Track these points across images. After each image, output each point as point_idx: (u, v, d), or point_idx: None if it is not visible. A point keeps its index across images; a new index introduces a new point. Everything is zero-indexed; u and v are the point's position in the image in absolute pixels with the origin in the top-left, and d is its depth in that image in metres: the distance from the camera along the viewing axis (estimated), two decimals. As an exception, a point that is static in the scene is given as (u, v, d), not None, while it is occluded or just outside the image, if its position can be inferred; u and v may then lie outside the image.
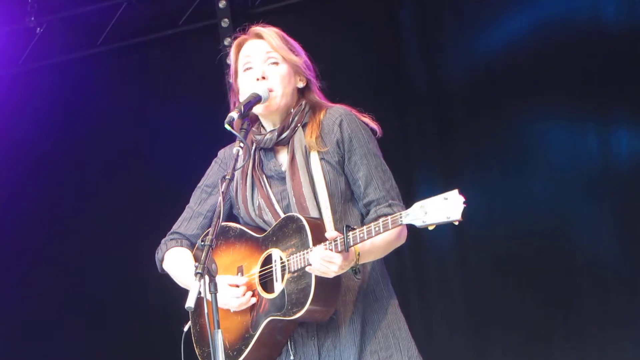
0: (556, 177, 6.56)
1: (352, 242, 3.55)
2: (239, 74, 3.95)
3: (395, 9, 7.08)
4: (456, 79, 6.86)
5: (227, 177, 3.61)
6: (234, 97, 3.98)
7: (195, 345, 3.94)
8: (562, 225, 6.56)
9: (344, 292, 3.77)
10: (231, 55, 3.98)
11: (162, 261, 4.04)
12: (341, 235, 3.56)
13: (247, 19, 4.22)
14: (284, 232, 3.75)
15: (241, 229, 3.91)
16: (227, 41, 6.79)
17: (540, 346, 6.53)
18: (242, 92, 3.90)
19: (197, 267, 3.36)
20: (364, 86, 6.97)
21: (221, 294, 3.63)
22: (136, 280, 7.13)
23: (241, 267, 3.86)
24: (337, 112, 3.89)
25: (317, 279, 3.62)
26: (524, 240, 6.60)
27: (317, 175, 3.80)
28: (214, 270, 3.38)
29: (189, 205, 4.08)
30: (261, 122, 3.96)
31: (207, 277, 3.35)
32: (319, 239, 3.62)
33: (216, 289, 3.37)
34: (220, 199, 3.55)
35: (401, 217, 3.47)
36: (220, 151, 4.11)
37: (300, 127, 3.88)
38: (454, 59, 6.90)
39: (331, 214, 3.76)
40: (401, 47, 7.08)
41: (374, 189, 3.81)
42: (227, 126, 3.68)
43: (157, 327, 7.44)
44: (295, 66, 3.90)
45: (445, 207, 3.37)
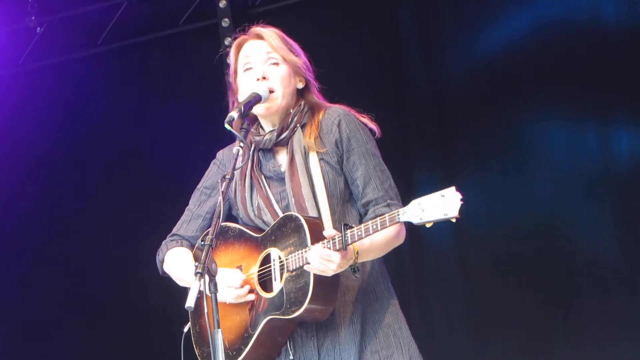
0: (556, 177, 6.55)
1: (350, 240, 3.55)
2: (238, 74, 3.95)
3: (395, 9, 7.08)
4: (456, 79, 6.86)
5: (227, 176, 3.61)
6: (233, 97, 3.99)
7: (194, 345, 3.94)
8: (562, 225, 6.55)
9: (343, 292, 3.77)
10: (231, 55, 3.98)
11: (162, 262, 4.04)
12: (339, 233, 3.55)
13: (247, 19, 4.23)
14: (283, 231, 3.75)
15: (240, 229, 3.91)
16: (228, 41, 6.79)
17: (540, 346, 6.52)
18: (242, 92, 3.90)
19: (197, 267, 3.36)
20: (364, 86, 6.96)
21: (218, 287, 3.62)
22: (136, 280, 7.13)
23: (240, 267, 3.86)
24: (335, 113, 3.89)
25: (316, 278, 3.62)
26: (524, 240, 6.59)
27: (316, 175, 3.80)
28: (214, 269, 3.38)
29: (188, 207, 4.08)
30: (260, 122, 3.96)
31: (207, 277, 3.36)
32: (318, 238, 3.62)
33: (216, 289, 3.38)
34: (220, 198, 3.55)
35: (399, 215, 3.47)
36: (218, 153, 4.11)
37: (299, 128, 3.88)
38: (454, 59, 6.90)
39: (330, 215, 3.76)
40: (401, 47, 7.08)
41: (372, 189, 3.81)
42: (227, 126, 3.68)
43: (157, 327, 7.43)
44: (295, 67, 3.91)
45: (442, 204, 3.37)
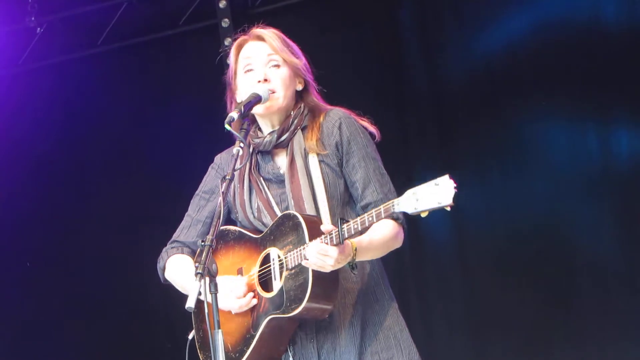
0: (556, 177, 6.55)
1: (346, 234, 3.54)
2: (238, 74, 3.94)
3: (395, 9, 7.08)
4: (456, 79, 6.85)
5: (227, 177, 3.61)
6: (232, 97, 3.98)
7: (199, 351, 3.93)
8: (562, 225, 6.55)
9: (343, 294, 3.77)
10: (231, 55, 3.98)
11: (164, 270, 4.03)
12: (336, 228, 3.54)
13: (247, 19, 4.23)
14: (281, 230, 3.75)
15: (240, 231, 3.91)
16: (228, 41, 6.79)
17: (540, 346, 6.52)
18: (242, 93, 3.90)
19: (197, 268, 3.35)
20: (364, 86, 6.96)
21: (221, 296, 3.61)
22: (136, 280, 7.11)
23: (241, 269, 3.86)
24: (336, 115, 3.89)
25: (315, 274, 3.61)
26: (524, 240, 6.59)
27: (316, 177, 3.80)
28: (214, 270, 3.38)
29: (187, 213, 4.08)
30: (259, 124, 3.95)
31: (207, 278, 3.35)
32: (316, 235, 3.61)
33: (216, 289, 3.37)
34: (220, 198, 3.54)
35: (393, 205, 3.45)
36: (216, 157, 4.10)
37: (299, 130, 3.88)
38: (454, 59, 6.90)
39: (330, 217, 3.75)
40: (401, 47, 7.08)
41: (372, 192, 3.81)
42: (227, 126, 3.68)
43: (157, 327, 7.43)
44: (295, 69, 3.91)
45: (436, 192, 3.35)
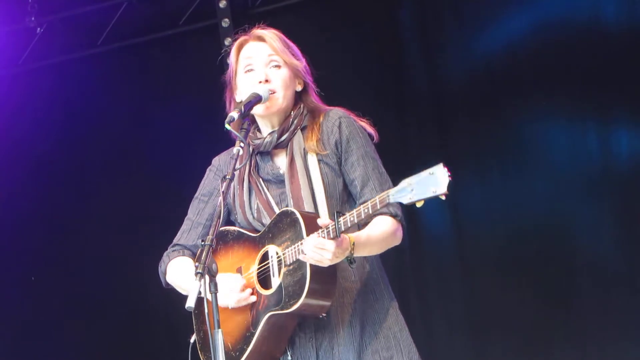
0: (556, 177, 6.55)
1: (343, 227, 3.53)
2: (238, 74, 3.95)
3: (395, 9, 7.08)
4: (456, 79, 6.85)
5: (227, 176, 3.61)
6: (231, 96, 3.98)
7: (200, 352, 3.92)
8: (562, 225, 6.55)
9: (341, 294, 3.77)
10: (231, 55, 3.98)
11: (165, 274, 4.03)
12: (333, 222, 3.54)
13: (247, 19, 4.23)
14: (279, 227, 3.75)
15: (239, 231, 3.91)
16: (228, 41, 6.79)
17: (540, 346, 6.52)
18: (242, 93, 3.90)
19: (197, 267, 3.36)
20: (364, 86, 6.96)
21: (219, 291, 3.61)
22: (136, 280, 7.11)
23: (240, 268, 3.86)
24: (336, 115, 3.90)
25: (312, 269, 3.61)
26: (524, 240, 6.59)
27: (316, 177, 3.81)
28: (214, 269, 3.37)
29: (187, 216, 4.08)
30: (258, 125, 3.96)
31: (207, 277, 3.35)
32: (313, 230, 3.61)
33: (216, 289, 3.37)
34: (220, 198, 3.54)
35: (389, 196, 3.45)
36: (214, 159, 4.10)
37: (299, 130, 3.88)
38: (454, 59, 6.90)
39: (329, 216, 3.75)
40: (401, 47, 7.08)
41: (371, 190, 3.81)
42: (227, 126, 3.68)
43: (157, 327, 7.43)
44: (295, 69, 3.92)
45: (431, 181, 3.36)
